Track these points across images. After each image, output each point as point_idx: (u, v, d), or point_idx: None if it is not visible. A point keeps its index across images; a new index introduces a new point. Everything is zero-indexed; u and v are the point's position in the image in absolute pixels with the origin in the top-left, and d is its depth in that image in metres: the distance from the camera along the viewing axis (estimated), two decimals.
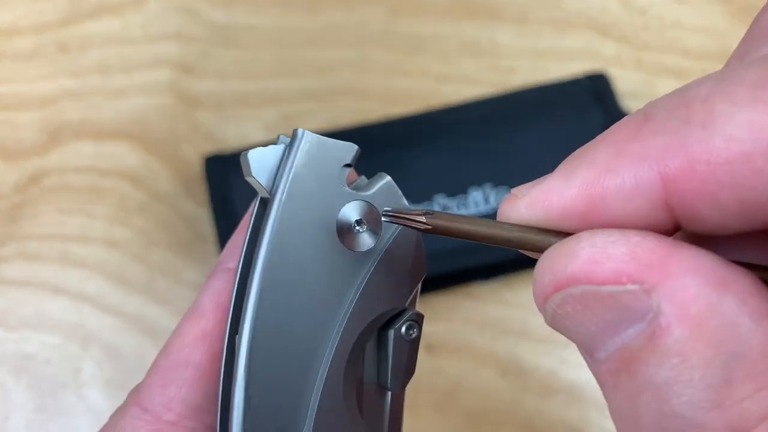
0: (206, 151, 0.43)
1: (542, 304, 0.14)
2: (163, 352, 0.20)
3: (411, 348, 0.20)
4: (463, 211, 0.39)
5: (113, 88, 0.46)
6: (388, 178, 0.19)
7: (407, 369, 0.20)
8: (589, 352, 0.14)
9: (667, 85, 0.45)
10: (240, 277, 0.18)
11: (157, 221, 0.42)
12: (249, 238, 0.19)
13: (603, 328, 0.13)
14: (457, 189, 0.39)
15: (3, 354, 0.40)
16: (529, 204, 0.15)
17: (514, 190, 0.15)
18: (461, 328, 0.40)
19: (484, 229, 0.15)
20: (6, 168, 0.44)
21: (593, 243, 0.13)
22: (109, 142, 0.44)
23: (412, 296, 0.21)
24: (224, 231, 0.39)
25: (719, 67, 0.51)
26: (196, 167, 0.43)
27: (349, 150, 0.18)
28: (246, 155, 0.18)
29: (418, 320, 0.20)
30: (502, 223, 0.15)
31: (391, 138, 0.41)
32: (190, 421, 0.19)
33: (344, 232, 0.18)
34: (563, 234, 0.14)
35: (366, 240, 0.19)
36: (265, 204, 0.18)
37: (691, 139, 0.13)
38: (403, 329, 0.20)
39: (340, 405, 0.18)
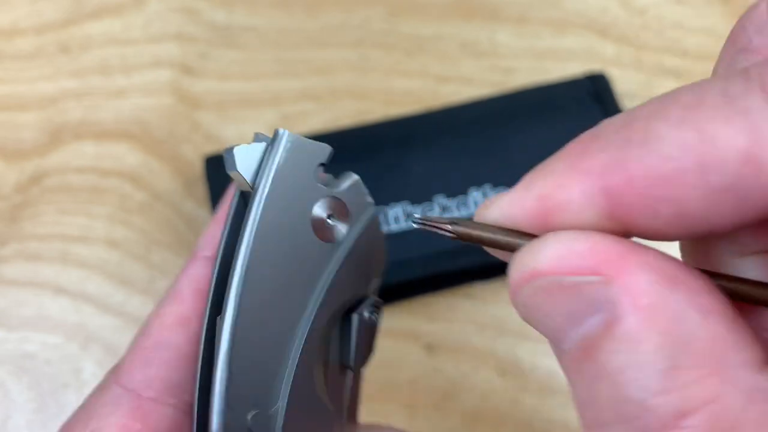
0: (206, 151, 0.43)
1: (514, 297, 0.15)
2: (143, 333, 0.21)
3: (372, 331, 0.22)
4: (463, 211, 0.39)
5: (114, 88, 0.46)
6: (356, 177, 0.21)
7: (368, 350, 0.22)
8: (556, 344, 0.15)
9: (666, 86, 0.46)
10: (220, 265, 0.19)
11: (158, 221, 0.43)
12: (229, 229, 0.20)
13: (567, 319, 0.14)
14: (457, 189, 0.39)
15: (4, 354, 0.40)
16: (495, 211, 0.16)
17: (487, 200, 0.17)
18: (461, 328, 0.40)
19: (494, 236, 0.17)
20: (7, 168, 0.44)
21: (559, 240, 0.15)
22: (110, 143, 0.44)
23: (374, 285, 0.22)
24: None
25: None
26: (197, 167, 0.43)
27: (323, 150, 0.20)
28: (231, 151, 0.19)
29: (378, 306, 0.22)
30: (501, 229, 0.17)
31: (391, 138, 0.41)
32: (169, 398, 0.20)
33: (317, 225, 0.20)
34: (531, 237, 0.16)
35: (338, 232, 0.20)
36: (246, 197, 0.19)
37: (630, 156, 0.14)
38: (366, 313, 0.21)
39: (310, 383, 0.20)
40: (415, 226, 0.19)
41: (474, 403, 0.39)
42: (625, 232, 0.15)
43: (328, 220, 0.20)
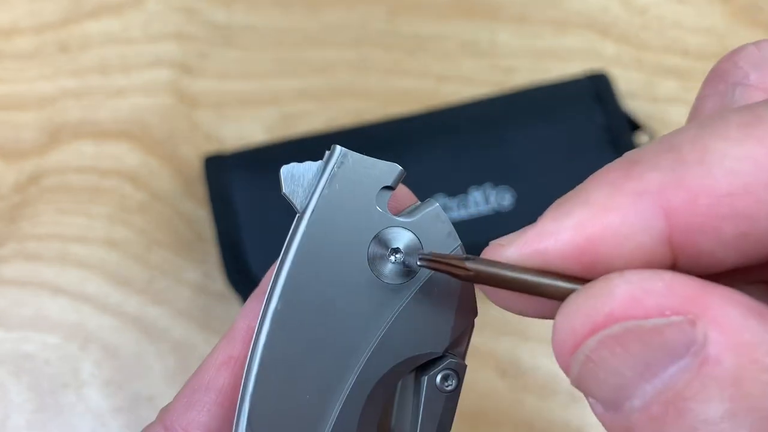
0: (206, 151, 0.43)
1: (570, 353, 0.13)
2: (196, 373, 0.19)
3: (447, 402, 0.18)
4: (462, 211, 0.39)
5: (113, 88, 0.46)
6: (436, 204, 0.18)
7: (441, 425, 0.18)
8: (617, 404, 0.13)
9: (667, 85, 0.45)
10: (267, 298, 0.17)
11: (157, 221, 0.42)
12: (281, 258, 0.17)
13: (641, 372, 0.12)
14: (457, 189, 0.39)
15: (3, 354, 0.40)
16: (520, 250, 0.14)
17: (495, 241, 0.15)
18: None
19: (527, 276, 0.14)
20: (6, 168, 0.44)
21: (629, 280, 0.13)
22: (109, 142, 0.44)
23: (456, 342, 0.18)
24: (224, 231, 0.39)
25: None
26: (196, 167, 0.43)
27: (390, 171, 0.17)
28: (280, 170, 0.17)
29: (458, 370, 0.18)
30: (534, 271, 0.14)
31: (391, 138, 0.41)
32: None
33: (377, 259, 0.17)
34: (581, 280, 0.14)
35: (399, 271, 0.17)
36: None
37: (689, 175, 0.13)
38: (438, 378, 0.18)
39: None
40: (420, 264, 0.16)
41: (474, 403, 0.39)
42: (670, 264, 0.14)
43: (391, 255, 0.17)
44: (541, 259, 0.14)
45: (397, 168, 0.17)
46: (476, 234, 0.39)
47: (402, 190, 0.18)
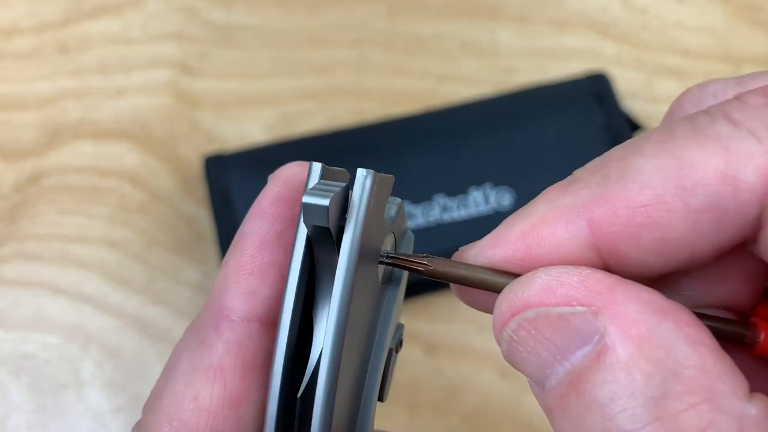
0: (206, 151, 0.43)
1: (499, 332, 0.16)
2: (172, 419, 0.17)
3: (395, 360, 0.20)
4: (462, 212, 0.39)
5: (113, 88, 0.46)
6: (399, 201, 0.19)
7: (390, 378, 0.20)
8: (540, 383, 0.15)
9: (667, 85, 0.45)
10: (290, 327, 0.17)
11: (157, 221, 0.42)
12: (298, 288, 0.17)
13: (554, 353, 0.14)
14: (457, 189, 0.39)
15: (3, 354, 0.40)
16: (476, 253, 0.17)
17: (463, 246, 0.17)
18: (461, 328, 0.40)
19: (474, 273, 0.16)
20: (5, 168, 0.44)
21: (549, 273, 0.15)
22: (109, 142, 0.44)
23: None
24: (224, 231, 0.39)
25: (719, 66, 0.51)
26: (196, 167, 0.43)
27: (390, 182, 0.18)
28: (327, 204, 0.16)
29: (401, 336, 0.20)
30: (484, 269, 0.17)
31: (391, 138, 0.41)
32: None
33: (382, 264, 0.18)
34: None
35: (396, 270, 0.19)
36: (311, 246, 0.17)
37: (611, 190, 0.15)
38: (396, 345, 0.20)
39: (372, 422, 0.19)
40: (387, 262, 0.18)
41: (474, 403, 0.39)
42: (606, 267, 0.15)
43: (385, 258, 0.18)
44: (490, 262, 0.16)
45: (392, 178, 0.18)
46: (476, 234, 0.39)
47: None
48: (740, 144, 0.14)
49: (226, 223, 0.39)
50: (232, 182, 0.40)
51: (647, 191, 0.15)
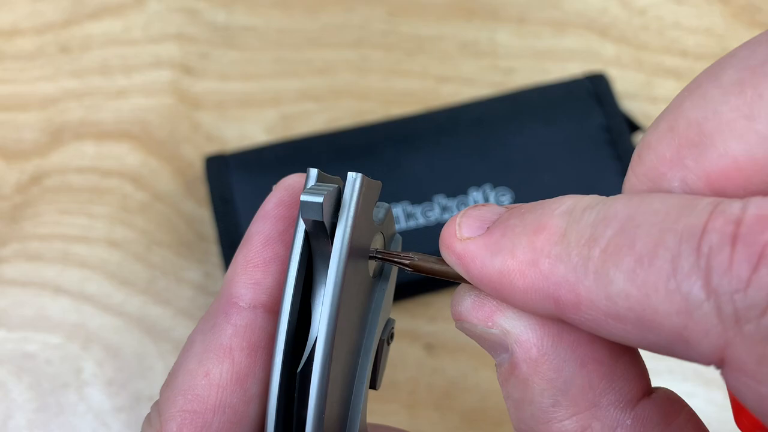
0: (207, 151, 0.43)
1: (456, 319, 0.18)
2: (187, 393, 0.19)
3: (387, 350, 0.22)
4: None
5: (114, 88, 0.46)
6: (387, 206, 0.21)
7: (383, 366, 0.22)
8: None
9: (666, 86, 0.46)
10: (290, 314, 0.19)
11: (158, 221, 0.43)
12: (296, 278, 0.19)
13: (488, 350, 0.18)
14: (457, 189, 0.39)
15: (4, 354, 0.40)
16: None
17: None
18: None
19: (443, 268, 0.19)
20: (7, 168, 0.44)
21: (469, 295, 0.18)
22: (110, 143, 0.44)
23: None
24: (225, 231, 0.39)
25: None
26: (197, 167, 0.44)
27: (378, 187, 0.20)
28: (319, 200, 0.18)
29: (392, 328, 0.22)
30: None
31: (391, 138, 0.41)
32: None
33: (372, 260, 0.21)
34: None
35: (387, 268, 0.21)
36: (309, 240, 0.19)
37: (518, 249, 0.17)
38: (386, 338, 0.22)
39: (364, 409, 0.21)
40: (376, 258, 0.20)
41: (474, 403, 0.39)
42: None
43: (378, 255, 0.20)
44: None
45: (380, 183, 0.20)
46: None
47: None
48: None
49: (227, 223, 0.39)
50: (232, 182, 0.40)
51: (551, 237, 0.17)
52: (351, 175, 0.19)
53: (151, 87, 0.46)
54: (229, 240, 0.39)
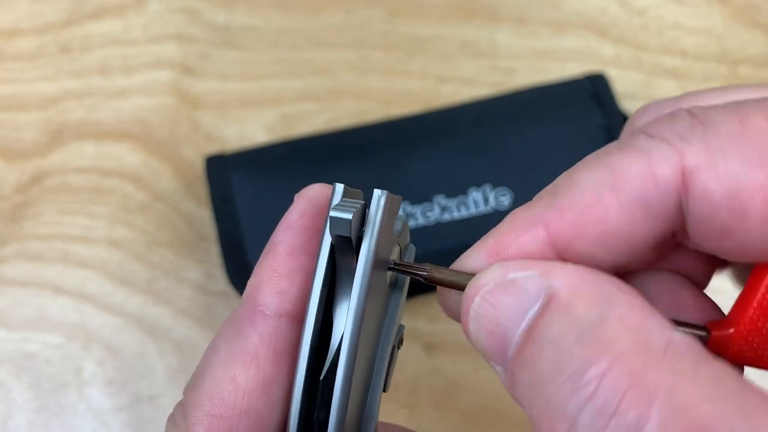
0: (207, 151, 0.44)
1: (467, 313, 0.18)
2: (213, 398, 0.20)
3: (396, 355, 0.23)
4: (463, 212, 0.39)
5: (114, 88, 0.46)
6: (404, 217, 0.23)
7: (393, 370, 0.23)
8: (503, 354, 0.18)
9: (665, 86, 0.46)
10: (315, 324, 0.20)
11: (158, 221, 0.43)
12: (321, 287, 0.20)
13: (511, 318, 0.17)
14: (457, 189, 0.39)
15: (4, 354, 0.40)
16: (459, 264, 0.20)
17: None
18: (461, 328, 0.40)
19: (456, 278, 0.20)
20: (7, 168, 0.44)
21: (503, 263, 0.18)
22: (111, 143, 0.45)
23: None
24: (225, 231, 0.39)
25: (718, 67, 0.51)
26: (197, 167, 0.44)
27: (399, 201, 0.21)
28: (348, 218, 0.19)
29: (403, 334, 0.23)
30: (466, 274, 0.20)
31: (391, 138, 0.41)
32: None
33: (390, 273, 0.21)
34: None
35: (401, 277, 0.22)
36: (335, 253, 0.20)
37: (559, 199, 0.19)
38: (397, 343, 0.23)
39: (377, 411, 0.22)
40: (394, 269, 0.21)
41: (473, 402, 0.39)
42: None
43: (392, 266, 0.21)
44: (471, 269, 0.20)
45: (401, 198, 0.21)
46: (475, 234, 0.39)
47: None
48: (657, 150, 0.18)
49: (227, 223, 0.39)
50: (233, 182, 0.40)
51: (587, 195, 0.18)
52: (377, 192, 0.19)
53: (151, 87, 0.46)
54: (229, 240, 0.39)
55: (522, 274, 0.17)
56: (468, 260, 0.20)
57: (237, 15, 0.48)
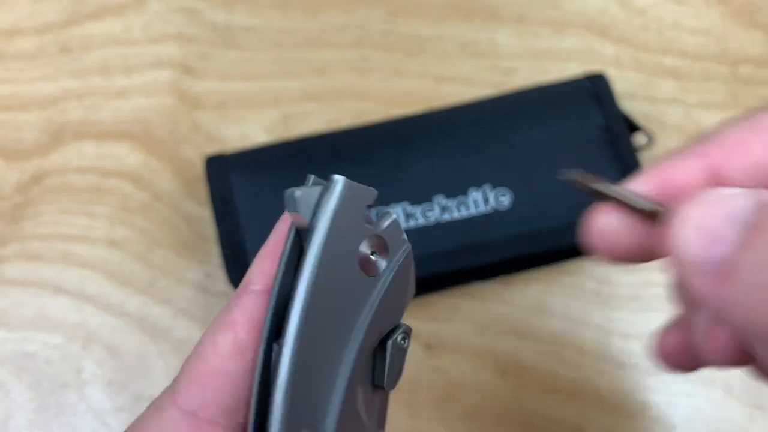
0: (207, 151, 0.44)
1: (682, 229, 0.19)
2: (198, 358, 0.22)
3: (402, 355, 0.24)
4: (463, 212, 0.39)
5: (114, 88, 0.46)
6: (395, 216, 0.23)
7: (399, 372, 0.24)
8: (718, 257, 0.18)
9: (665, 86, 0.46)
10: (277, 297, 0.21)
11: (158, 221, 0.43)
12: (285, 265, 0.21)
13: (726, 222, 0.18)
14: (457, 189, 0.39)
15: (4, 354, 0.40)
16: (633, 185, 0.22)
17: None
18: (461, 327, 0.40)
19: (629, 198, 0.21)
20: (7, 168, 0.44)
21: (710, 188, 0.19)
22: (111, 143, 0.45)
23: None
24: (225, 231, 0.39)
25: (718, 67, 0.51)
26: (197, 167, 0.44)
27: (371, 194, 0.22)
28: (292, 194, 0.21)
29: (408, 332, 0.24)
30: (637, 195, 0.21)
31: (391, 138, 0.41)
32: (224, 420, 0.22)
33: (363, 260, 0.22)
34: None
35: (379, 267, 0.22)
36: (301, 236, 0.21)
37: (715, 139, 0.21)
38: (399, 339, 0.23)
39: (354, 402, 0.22)
40: (574, 182, 0.22)
41: (474, 402, 0.39)
42: None
43: (372, 257, 0.22)
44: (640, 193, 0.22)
45: (375, 191, 0.22)
46: (475, 234, 0.39)
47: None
48: None
49: (227, 223, 0.39)
50: (233, 182, 0.40)
51: (737, 133, 0.21)
52: (334, 177, 0.21)
53: (151, 87, 0.46)
54: (229, 240, 0.39)
55: (731, 191, 0.19)
56: (637, 185, 0.22)
57: (237, 15, 0.48)
